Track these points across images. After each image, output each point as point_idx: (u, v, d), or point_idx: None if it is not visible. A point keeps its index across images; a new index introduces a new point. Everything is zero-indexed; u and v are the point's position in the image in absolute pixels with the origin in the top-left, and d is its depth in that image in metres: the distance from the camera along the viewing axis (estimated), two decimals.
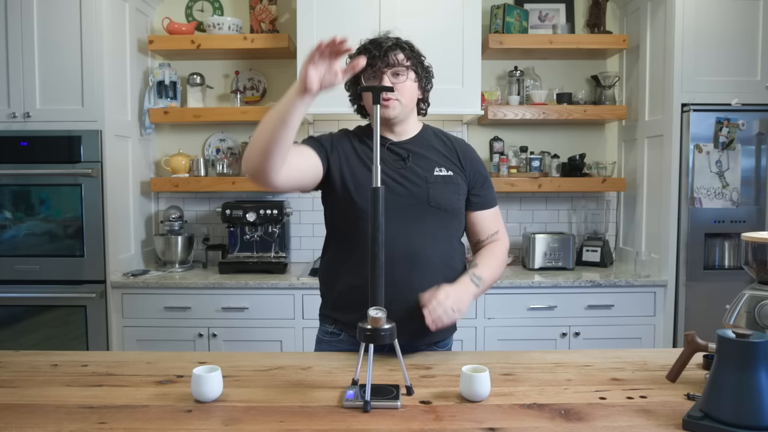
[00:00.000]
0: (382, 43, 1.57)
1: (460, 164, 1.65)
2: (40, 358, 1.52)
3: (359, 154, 1.61)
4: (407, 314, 1.47)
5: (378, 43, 1.57)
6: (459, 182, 1.63)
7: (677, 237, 2.81)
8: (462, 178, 1.64)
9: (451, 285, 1.49)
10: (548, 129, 3.38)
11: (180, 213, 3.17)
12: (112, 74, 2.84)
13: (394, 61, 1.56)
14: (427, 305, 1.42)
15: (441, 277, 1.55)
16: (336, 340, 1.65)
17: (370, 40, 1.60)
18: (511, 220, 3.40)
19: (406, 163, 1.59)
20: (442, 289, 1.46)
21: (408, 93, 1.59)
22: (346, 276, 1.59)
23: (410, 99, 1.60)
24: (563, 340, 2.82)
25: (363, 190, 1.55)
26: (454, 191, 1.61)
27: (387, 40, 1.58)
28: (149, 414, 1.16)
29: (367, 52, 1.56)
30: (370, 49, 1.56)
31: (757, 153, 2.78)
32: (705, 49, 2.75)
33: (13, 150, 2.74)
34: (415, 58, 1.61)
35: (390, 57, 1.55)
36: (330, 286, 1.67)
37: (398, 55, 1.57)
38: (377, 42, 1.58)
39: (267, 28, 3.16)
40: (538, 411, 1.17)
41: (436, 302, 1.42)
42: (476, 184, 1.66)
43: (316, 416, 1.15)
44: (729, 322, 1.29)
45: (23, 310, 2.78)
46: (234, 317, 2.79)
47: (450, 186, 1.60)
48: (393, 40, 1.59)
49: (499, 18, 3.13)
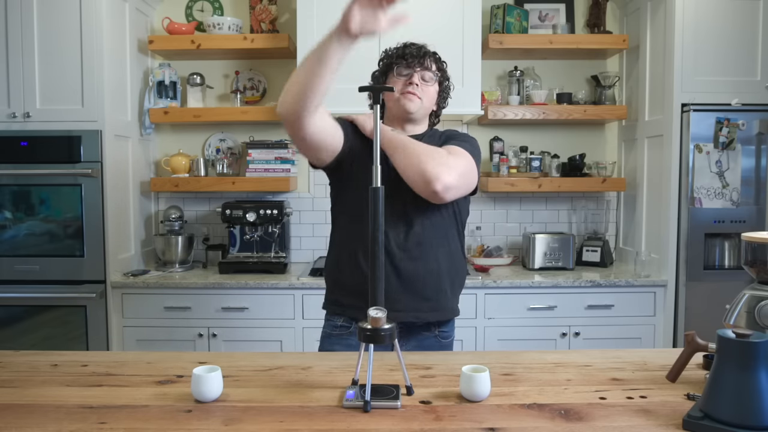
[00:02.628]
0: (422, 47, 1.69)
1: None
2: (40, 358, 1.52)
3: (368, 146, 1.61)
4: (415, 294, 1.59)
5: (418, 46, 1.69)
6: None
7: (677, 237, 2.81)
8: None
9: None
10: (548, 129, 3.38)
11: (180, 213, 3.17)
12: (112, 74, 2.84)
13: (428, 65, 1.68)
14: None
15: (446, 259, 1.66)
16: (346, 332, 1.66)
17: (411, 42, 1.71)
18: (511, 220, 3.40)
19: None
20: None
21: (429, 97, 1.70)
22: (363, 262, 1.59)
23: (429, 103, 1.71)
24: (563, 340, 2.81)
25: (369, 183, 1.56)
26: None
27: (425, 48, 1.70)
28: (149, 414, 1.16)
29: (408, 49, 1.67)
30: (411, 47, 1.68)
31: (757, 153, 2.78)
32: (705, 49, 2.75)
33: (13, 150, 2.74)
34: (444, 73, 1.75)
35: (426, 61, 1.68)
36: (342, 276, 1.67)
37: (432, 64, 1.69)
38: (418, 45, 1.70)
39: (267, 28, 3.16)
40: (538, 411, 1.17)
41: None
42: (445, 141, 1.68)
43: (316, 416, 1.15)
44: (729, 322, 1.29)
45: (23, 310, 2.78)
46: (234, 317, 2.79)
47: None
48: (432, 50, 1.72)
49: (499, 18, 3.13)
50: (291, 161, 3.14)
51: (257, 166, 3.14)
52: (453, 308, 1.73)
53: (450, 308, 1.72)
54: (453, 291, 1.71)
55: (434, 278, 1.64)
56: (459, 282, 1.74)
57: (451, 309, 1.72)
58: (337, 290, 1.70)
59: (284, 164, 3.13)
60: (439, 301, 1.66)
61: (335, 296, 1.71)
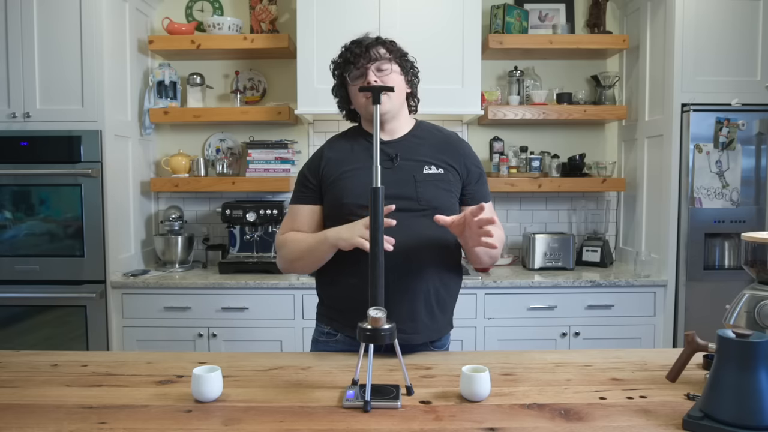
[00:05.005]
0: (363, 41, 1.60)
1: (454, 159, 1.63)
2: (40, 358, 1.52)
3: (350, 155, 1.63)
4: (400, 316, 1.46)
5: (359, 42, 1.60)
6: (450, 179, 1.60)
7: (677, 237, 2.81)
8: (455, 174, 1.61)
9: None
10: (548, 129, 3.38)
11: (180, 213, 3.17)
12: (112, 74, 2.84)
13: (376, 56, 1.58)
14: (477, 216, 1.37)
15: (435, 277, 1.56)
16: (332, 340, 1.65)
17: (352, 40, 1.63)
18: (511, 220, 3.40)
19: (393, 162, 1.58)
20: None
21: (395, 85, 1.57)
22: (342, 276, 1.58)
23: (398, 92, 1.59)
24: (563, 340, 2.81)
25: (354, 190, 1.56)
26: (445, 188, 1.59)
27: (367, 38, 1.61)
28: (149, 414, 1.16)
29: (349, 52, 1.59)
30: (351, 48, 1.60)
31: (757, 153, 2.78)
32: (705, 49, 2.75)
33: (13, 150, 2.74)
34: (397, 51, 1.63)
35: (372, 52, 1.58)
36: (326, 287, 1.67)
37: (380, 50, 1.59)
38: (358, 41, 1.61)
39: (267, 28, 3.16)
40: (538, 411, 1.17)
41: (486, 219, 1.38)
42: (471, 180, 1.64)
43: (316, 416, 1.15)
44: (729, 322, 1.29)
45: (23, 310, 2.78)
46: (234, 317, 2.79)
47: (441, 184, 1.58)
48: (374, 37, 1.62)
49: (499, 18, 3.13)
50: (291, 161, 3.14)
51: (257, 166, 3.13)
52: (445, 326, 1.66)
53: (445, 325, 1.65)
54: (444, 310, 1.63)
55: (423, 299, 1.56)
56: (451, 300, 1.67)
57: (446, 325, 1.66)
58: (324, 299, 1.70)
59: (284, 164, 3.13)
60: (429, 324, 1.58)
61: (323, 305, 1.71)
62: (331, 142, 1.71)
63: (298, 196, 1.67)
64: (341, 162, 1.62)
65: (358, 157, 1.61)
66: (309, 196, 1.65)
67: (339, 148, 1.66)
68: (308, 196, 1.65)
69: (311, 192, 1.65)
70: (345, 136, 1.71)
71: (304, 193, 1.66)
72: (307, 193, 1.65)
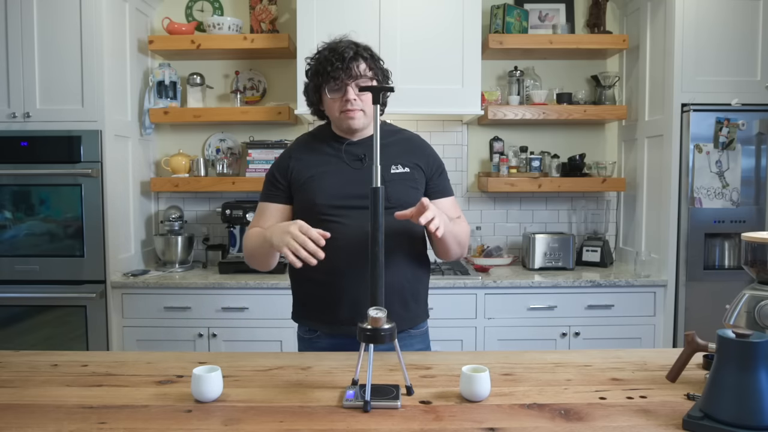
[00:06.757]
0: (344, 54, 1.56)
1: (419, 158, 1.69)
2: (40, 358, 1.52)
3: (319, 156, 1.65)
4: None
5: (339, 53, 1.57)
6: (416, 177, 1.66)
7: (677, 237, 2.81)
8: (420, 172, 1.67)
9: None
10: (548, 129, 3.38)
11: (180, 213, 3.17)
12: (112, 74, 2.84)
13: (356, 73, 1.57)
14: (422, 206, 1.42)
15: (408, 270, 1.62)
16: (314, 337, 1.68)
17: (329, 47, 1.60)
18: (511, 220, 3.40)
19: (363, 163, 1.62)
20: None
21: (371, 102, 1.55)
22: (311, 274, 1.55)
23: (372, 107, 1.59)
24: (563, 340, 2.81)
25: (326, 191, 1.60)
26: (412, 186, 1.64)
27: (347, 50, 1.58)
28: (149, 414, 1.16)
29: (328, 62, 1.57)
30: (331, 60, 1.56)
31: (757, 153, 2.78)
32: (705, 49, 2.75)
33: (13, 150, 2.74)
34: (377, 66, 1.63)
35: (353, 69, 1.57)
36: (298, 287, 1.70)
37: (360, 66, 1.58)
38: (337, 51, 1.57)
39: (267, 28, 3.16)
40: (538, 411, 1.17)
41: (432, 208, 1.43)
42: (433, 174, 1.70)
43: (316, 416, 1.15)
44: (729, 322, 1.29)
45: (23, 310, 2.78)
46: (234, 317, 2.79)
47: (408, 182, 1.64)
48: (353, 48, 1.59)
49: (499, 18, 3.13)
50: None
51: (257, 166, 3.14)
52: (420, 314, 1.70)
53: (420, 313, 1.70)
54: (417, 300, 1.69)
55: (397, 292, 1.59)
56: (423, 289, 1.72)
57: (422, 312, 1.71)
58: (297, 299, 1.72)
59: None
60: (403, 315, 1.61)
61: (297, 305, 1.73)
62: (299, 142, 1.74)
63: (267, 194, 1.70)
64: (311, 163, 1.65)
65: (328, 160, 1.64)
66: (277, 195, 1.68)
67: (308, 148, 1.69)
68: (277, 195, 1.68)
69: (280, 192, 1.68)
70: (314, 136, 1.73)
71: (272, 192, 1.69)
72: (275, 192, 1.68)
